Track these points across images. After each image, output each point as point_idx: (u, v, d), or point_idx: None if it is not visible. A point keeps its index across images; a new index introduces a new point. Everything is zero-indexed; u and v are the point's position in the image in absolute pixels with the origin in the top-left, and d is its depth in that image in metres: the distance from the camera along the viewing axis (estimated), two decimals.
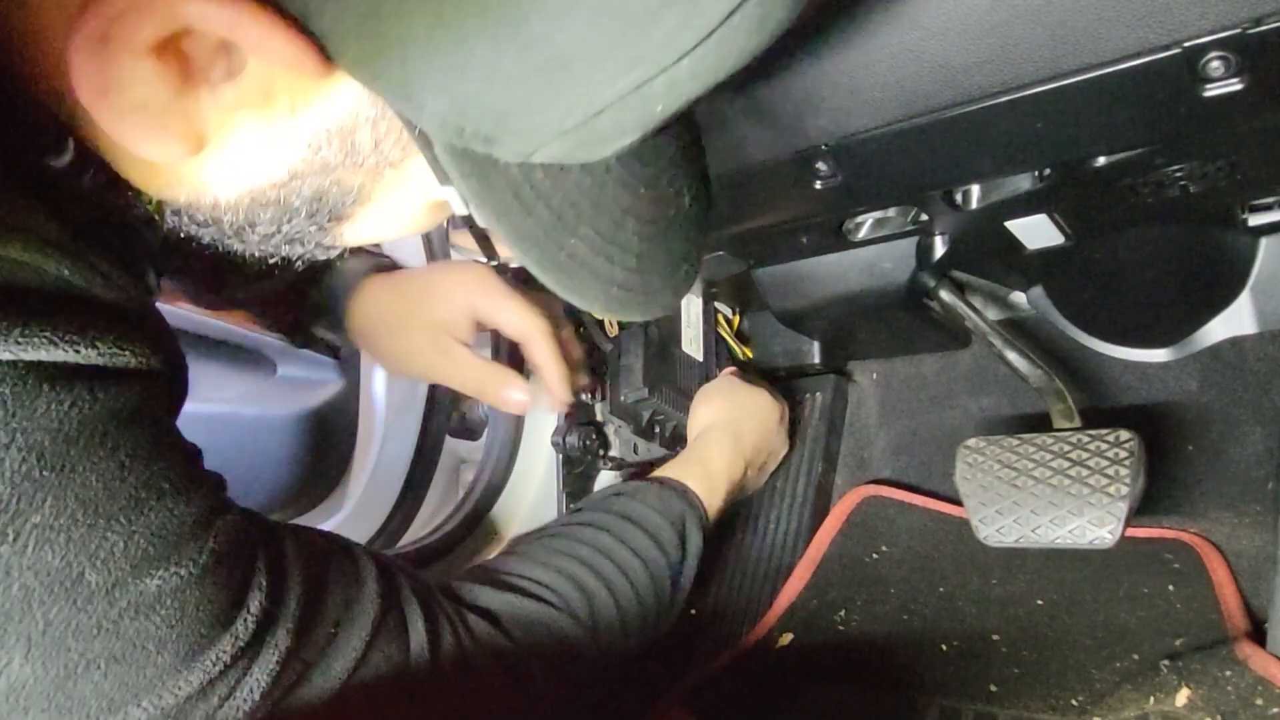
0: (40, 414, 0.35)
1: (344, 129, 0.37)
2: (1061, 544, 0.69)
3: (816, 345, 1.02)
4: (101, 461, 0.37)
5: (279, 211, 0.40)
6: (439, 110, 0.33)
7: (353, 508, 0.95)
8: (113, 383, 0.38)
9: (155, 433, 0.41)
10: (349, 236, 0.44)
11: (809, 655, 0.79)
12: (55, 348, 0.35)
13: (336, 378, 1.01)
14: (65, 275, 0.36)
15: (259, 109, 0.35)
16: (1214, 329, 0.84)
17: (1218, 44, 0.44)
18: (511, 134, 0.34)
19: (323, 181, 0.39)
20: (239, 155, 0.37)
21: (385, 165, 0.39)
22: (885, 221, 0.74)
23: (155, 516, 0.39)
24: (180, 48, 0.32)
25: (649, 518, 0.72)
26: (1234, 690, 0.57)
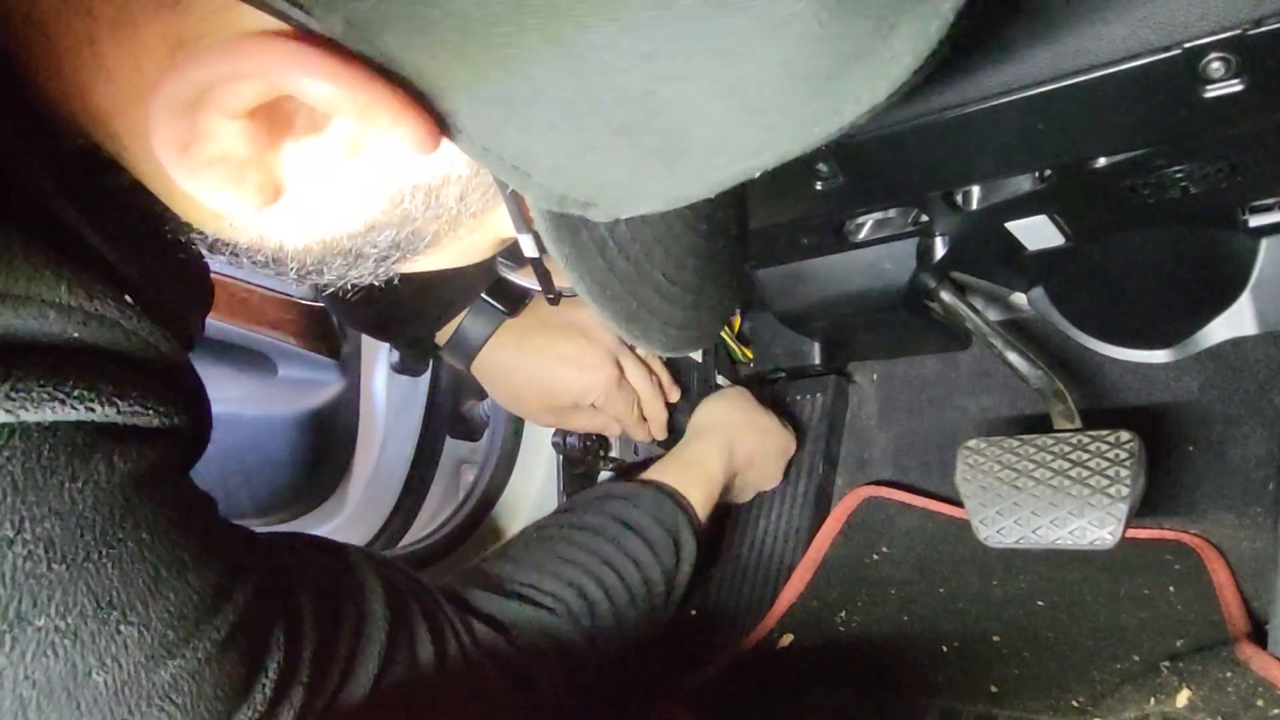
0: (53, 495, 0.32)
1: (432, 185, 0.35)
2: (1062, 545, 0.69)
3: (817, 346, 1.02)
4: (119, 545, 0.34)
5: (349, 259, 0.38)
6: (544, 181, 0.31)
7: (353, 508, 0.95)
8: (134, 445, 0.35)
9: (176, 497, 0.38)
10: (406, 269, 0.42)
11: (809, 656, 0.79)
12: (63, 405, 0.32)
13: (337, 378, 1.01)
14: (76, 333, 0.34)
15: (343, 162, 0.33)
16: (1215, 330, 0.84)
17: (1218, 45, 0.44)
18: (613, 202, 0.32)
19: (400, 232, 0.37)
20: (315, 206, 0.35)
21: (465, 216, 0.37)
22: (886, 222, 0.74)
23: (175, 597, 0.37)
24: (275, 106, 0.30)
25: (645, 524, 0.74)
26: (1234, 691, 0.57)
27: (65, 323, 0.33)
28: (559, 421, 0.88)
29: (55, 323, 0.33)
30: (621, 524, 0.73)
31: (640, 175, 0.31)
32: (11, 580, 0.31)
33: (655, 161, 0.30)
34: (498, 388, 0.86)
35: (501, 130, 0.29)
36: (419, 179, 0.34)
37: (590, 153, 0.30)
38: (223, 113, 0.29)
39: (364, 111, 0.28)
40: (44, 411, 0.32)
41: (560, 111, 0.28)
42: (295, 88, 0.28)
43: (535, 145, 0.30)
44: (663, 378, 0.90)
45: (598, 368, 0.84)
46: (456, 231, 0.38)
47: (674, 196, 0.32)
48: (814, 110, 0.29)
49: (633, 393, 0.87)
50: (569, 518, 0.75)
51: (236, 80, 0.28)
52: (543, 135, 0.29)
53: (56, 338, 0.33)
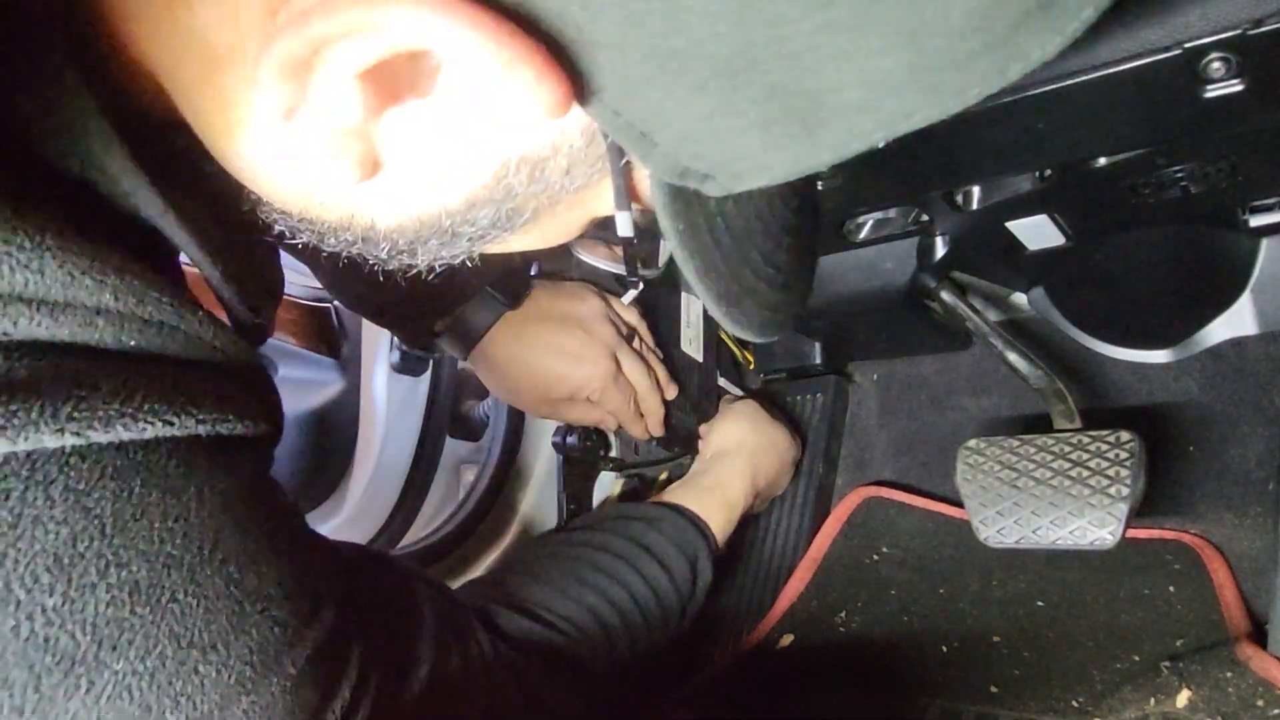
0: (142, 539, 0.31)
1: (540, 157, 0.32)
2: (1062, 545, 0.69)
3: (817, 346, 1.02)
4: (207, 581, 0.33)
5: (445, 238, 0.36)
6: (671, 150, 0.29)
7: (353, 508, 0.95)
8: (222, 468, 0.34)
9: (264, 520, 0.36)
10: (493, 249, 0.40)
11: (810, 656, 0.79)
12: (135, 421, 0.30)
13: (337, 378, 1.01)
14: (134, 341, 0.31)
15: (447, 131, 0.31)
16: (1215, 330, 0.84)
17: (1218, 45, 0.44)
18: (733, 175, 0.31)
19: (499, 207, 0.34)
20: (414, 180, 0.33)
21: (566, 192, 0.35)
22: (886, 222, 0.74)
23: (256, 633, 0.35)
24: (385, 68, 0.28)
25: (665, 550, 0.75)
26: (1235, 692, 0.57)
27: (119, 330, 0.31)
28: (554, 413, 0.88)
29: (106, 331, 0.31)
30: (642, 548, 0.74)
31: (774, 143, 0.29)
32: (93, 626, 0.30)
33: (795, 128, 0.28)
34: (494, 379, 0.86)
35: (642, 91, 0.28)
36: (526, 150, 0.32)
37: (730, 117, 0.28)
38: (339, 72, 0.27)
39: (509, 66, 0.26)
40: (115, 431, 0.30)
41: (714, 69, 0.26)
42: (433, 39, 0.26)
43: (674, 109, 0.28)
44: (660, 374, 0.90)
45: (595, 361, 0.84)
46: (555, 209, 0.36)
47: (800, 167, 0.30)
48: (981, 67, 0.27)
49: (629, 388, 0.87)
50: (590, 536, 0.76)
51: (363, 33, 0.26)
52: (686, 97, 0.27)
53: (112, 346, 0.31)
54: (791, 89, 0.27)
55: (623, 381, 0.86)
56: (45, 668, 0.29)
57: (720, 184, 0.31)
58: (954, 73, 0.27)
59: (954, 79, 0.27)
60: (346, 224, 0.35)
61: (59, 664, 0.29)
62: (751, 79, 0.27)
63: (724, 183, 0.31)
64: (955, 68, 0.27)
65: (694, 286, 0.36)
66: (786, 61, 0.26)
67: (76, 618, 0.29)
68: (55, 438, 0.29)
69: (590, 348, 0.84)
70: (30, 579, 0.29)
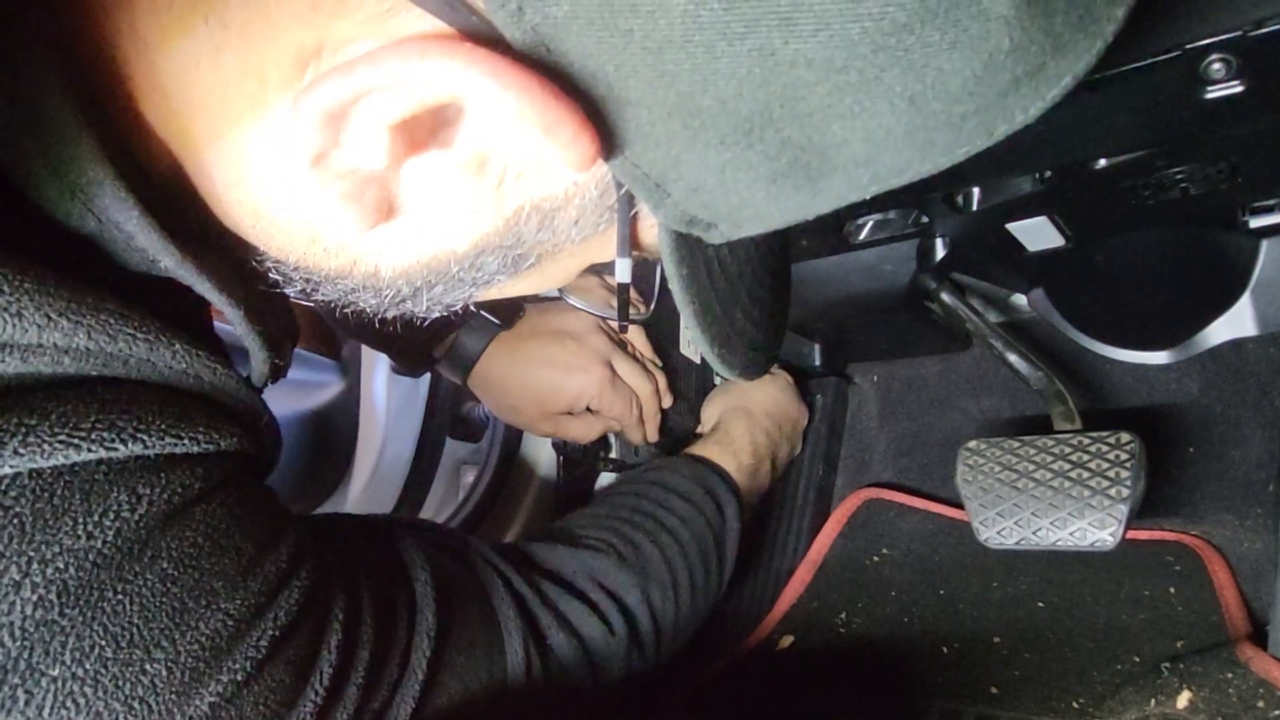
0: (65, 533, 0.30)
1: (552, 207, 0.33)
2: (1062, 546, 0.69)
3: (817, 347, 1.02)
4: (137, 578, 0.32)
5: (449, 284, 0.36)
6: (680, 200, 0.31)
7: (353, 508, 0.95)
8: (164, 473, 0.33)
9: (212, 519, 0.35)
10: (489, 295, 0.40)
11: (810, 657, 0.79)
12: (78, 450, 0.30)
13: (338, 379, 1.01)
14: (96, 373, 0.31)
15: (465, 180, 0.31)
16: (1215, 331, 0.84)
17: (1218, 46, 0.44)
18: (734, 223, 0.32)
19: (506, 254, 0.35)
20: (423, 226, 0.33)
21: (571, 240, 0.35)
22: (886, 224, 0.74)
23: (205, 626, 0.34)
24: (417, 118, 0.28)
25: (679, 483, 0.75)
26: (1235, 693, 0.56)
27: (83, 365, 0.31)
28: (556, 429, 0.88)
29: (71, 366, 0.31)
30: (659, 486, 0.74)
31: (779, 194, 0.31)
32: (21, 630, 0.29)
33: (800, 180, 0.30)
34: (494, 399, 0.86)
35: (663, 145, 0.29)
36: (539, 199, 0.33)
37: (742, 170, 0.29)
38: (373, 121, 0.28)
39: (550, 128, 0.27)
40: (56, 458, 0.30)
41: (733, 126, 0.28)
42: (476, 96, 0.26)
43: (690, 163, 0.29)
44: (659, 378, 0.90)
45: (589, 369, 0.84)
46: (558, 256, 0.36)
47: (797, 216, 0.32)
48: (971, 127, 0.29)
49: (629, 392, 0.87)
50: (605, 497, 0.76)
51: (404, 86, 0.26)
52: (704, 152, 0.29)
53: (74, 378, 0.31)
54: (801, 144, 0.29)
55: (621, 386, 0.86)
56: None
57: (722, 232, 0.33)
58: (946, 132, 0.29)
59: (945, 138, 0.29)
60: (346, 271, 0.35)
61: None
62: (766, 135, 0.28)
63: (725, 230, 0.32)
64: (948, 128, 0.29)
65: (691, 328, 0.38)
66: (800, 120, 0.28)
67: (3, 622, 0.28)
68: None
69: (583, 357, 0.84)
70: None
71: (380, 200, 0.31)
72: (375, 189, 0.31)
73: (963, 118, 0.28)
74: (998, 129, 0.30)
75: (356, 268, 0.35)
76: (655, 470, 0.77)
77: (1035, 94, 0.29)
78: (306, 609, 0.39)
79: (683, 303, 0.36)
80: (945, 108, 0.28)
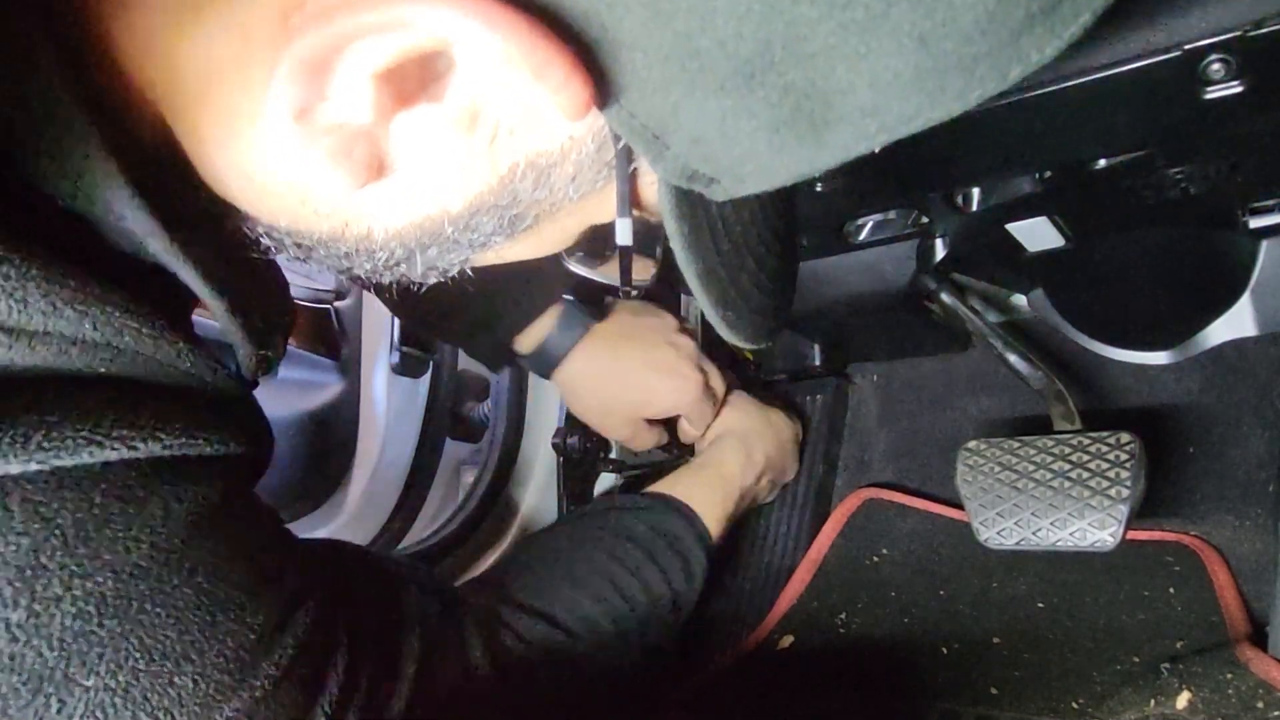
0: (105, 548, 0.30)
1: (548, 163, 0.32)
2: (1062, 546, 0.69)
3: (817, 348, 1.01)
4: (174, 592, 0.32)
5: (444, 246, 0.35)
6: (681, 153, 0.29)
7: (353, 510, 0.95)
8: (189, 482, 0.33)
9: (234, 530, 0.36)
10: (487, 259, 0.39)
11: (809, 658, 0.79)
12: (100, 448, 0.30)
13: (337, 379, 1.01)
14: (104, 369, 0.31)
15: (457, 136, 0.30)
16: (1215, 331, 0.84)
17: (1218, 46, 0.44)
18: (737, 178, 0.31)
19: (502, 214, 0.34)
20: (417, 185, 0.32)
21: (569, 199, 0.34)
22: (886, 224, 0.74)
23: (231, 640, 0.34)
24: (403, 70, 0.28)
25: (649, 539, 0.73)
26: (1235, 693, 0.56)
27: (90, 359, 0.31)
28: (634, 435, 0.85)
29: (79, 359, 0.31)
30: (625, 539, 0.72)
31: (782, 146, 0.29)
32: (60, 642, 0.29)
33: (804, 130, 0.28)
34: (583, 396, 0.83)
35: (661, 92, 0.27)
36: (535, 154, 0.31)
37: (744, 119, 0.28)
38: (356, 71, 0.27)
39: (539, 70, 0.26)
40: (80, 456, 0.30)
41: (734, 69, 0.26)
42: (461, 37, 0.26)
43: (690, 111, 0.28)
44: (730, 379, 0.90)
45: (689, 375, 0.82)
46: (555, 215, 0.35)
47: (803, 170, 0.30)
48: (983, 70, 0.27)
49: (713, 400, 0.85)
50: (574, 530, 0.75)
51: (389, 30, 0.26)
52: (703, 99, 0.27)
53: (84, 373, 0.31)
54: (805, 90, 0.27)
55: (708, 395, 0.85)
56: (13, 688, 0.28)
57: (724, 188, 0.31)
58: (958, 76, 0.27)
59: (957, 82, 0.27)
60: (339, 234, 0.34)
61: (26, 684, 0.29)
62: (768, 79, 0.27)
63: (728, 186, 0.31)
64: (959, 70, 0.27)
65: (695, 291, 0.36)
66: (803, 62, 0.26)
67: (42, 633, 0.29)
68: (20, 466, 0.28)
69: (683, 361, 0.83)
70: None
71: (370, 158, 0.30)
72: (364, 145, 0.30)
73: (975, 59, 0.27)
74: (1012, 71, 0.28)
75: (349, 230, 0.34)
76: (627, 514, 0.75)
77: (1050, 33, 0.27)
78: (318, 627, 0.40)
79: (685, 263, 0.35)
80: (956, 48, 0.26)
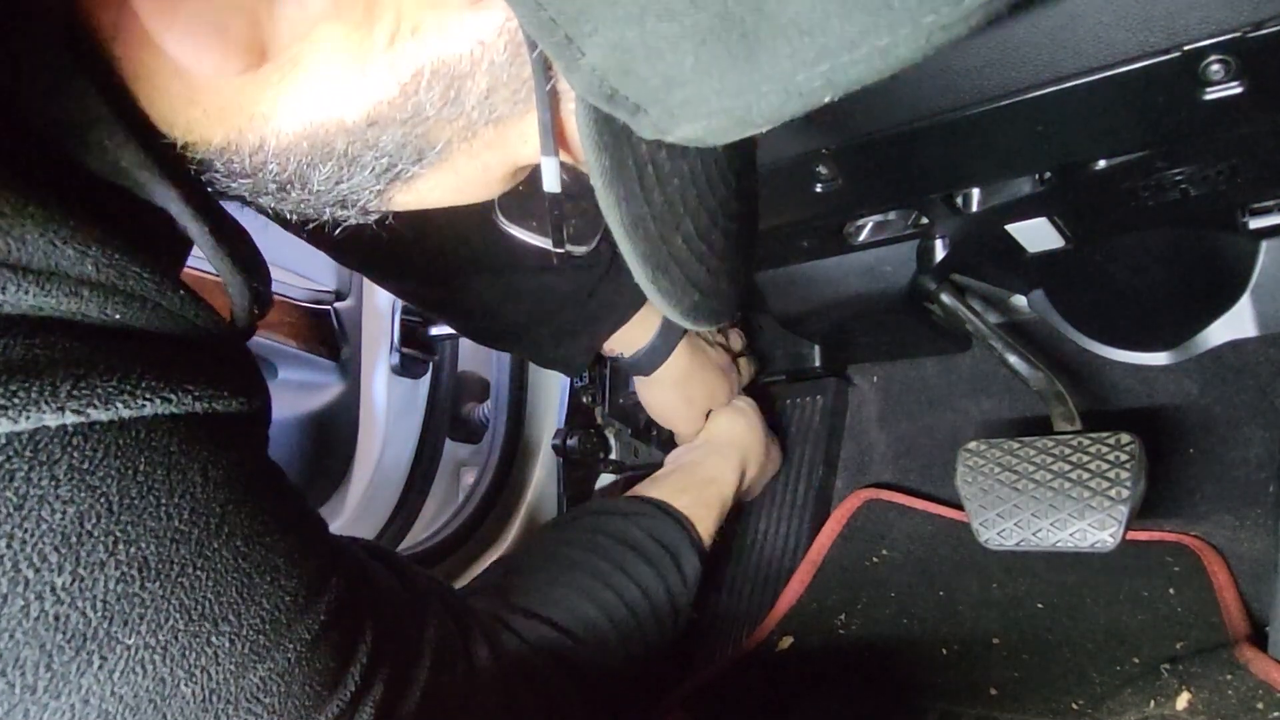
0: (149, 515, 0.31)
1: (455, 71, 0.29)
2: (1062, 547, 0.69)
3: (817, 348, 1.02)
4: (214, 554, 0.33)
5: (340, 166, 0.32)
6: (599, 64, 0.26)
7: (353, 510, 0.95)
8: (224, 443, 0.33)
9: (268, 492, 0.36)
10: (401, 200, 0.36)
11: (809, 659, 0.79)
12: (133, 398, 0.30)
13: (337, 380, 1.01)
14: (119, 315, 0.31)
15: (349, 27, 0.28)
16: (1215, 332, 0.84)
17: (1218, 47, 0.45)
18: (664, 107, 0.27)
19: (406, 133, 0.31)
20: (308, 84, 0.29)
21: (485, 122, 0.31)
22: (886, 225, 0.74)
23: (268, 602, 0.35)
24: None
25: (644, 542, 0.74)
26: (1234, 694, 0.56)
27: (103, 303, 0.31)
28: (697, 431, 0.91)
29: (91, 303, 0.30)
30: (620, 543, 0.73)
31: (712, 65, 0.26)
32: (103, 603, 0.30)
33: (734, 43, 0.25)
34: (668, 396, 0.87)
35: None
36: (439, 60, 0.29)
37: (664, 21, 0.25)
38: None
39: None
40: (115, 409, 0.30)
41: None
42: None
43: (602, 3, 0.25)
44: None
45: (729, 371, 0.90)
46: (471, 145, 0.32)
47: (739, 109, 0.27)
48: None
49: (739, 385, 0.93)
50: (568, 534, 0.75)
51: None
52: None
53: (98, 321, 0.31)
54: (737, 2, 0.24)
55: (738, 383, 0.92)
56: (56, 646, 0.29)
57: (653, 121, 0.28)
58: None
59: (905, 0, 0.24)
60: (235, 145, 0.32)
61: (70, 641, 0.30)
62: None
63: (657, 119, 0.28)
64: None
65: (618, 239, 0.33)
66: None
67: (87, 595, 0.30)
68: (56, 416, 0.29)
69: (724, 357, 0.90)
70: (39, 559, 0.29)
71: (248, 38, 0.27)
72: (241, 21, 0.27)
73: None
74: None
75: (243, 139, 0.31)
76: (620, 519, 0.75)
77: None
78: (349, 597, 0.40)
79: (606, 204, 0.31)
80: None
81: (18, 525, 0.28)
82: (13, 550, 0.28)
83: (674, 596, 0.73)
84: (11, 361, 0.28)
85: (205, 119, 0.31)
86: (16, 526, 0.28)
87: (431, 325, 0.99)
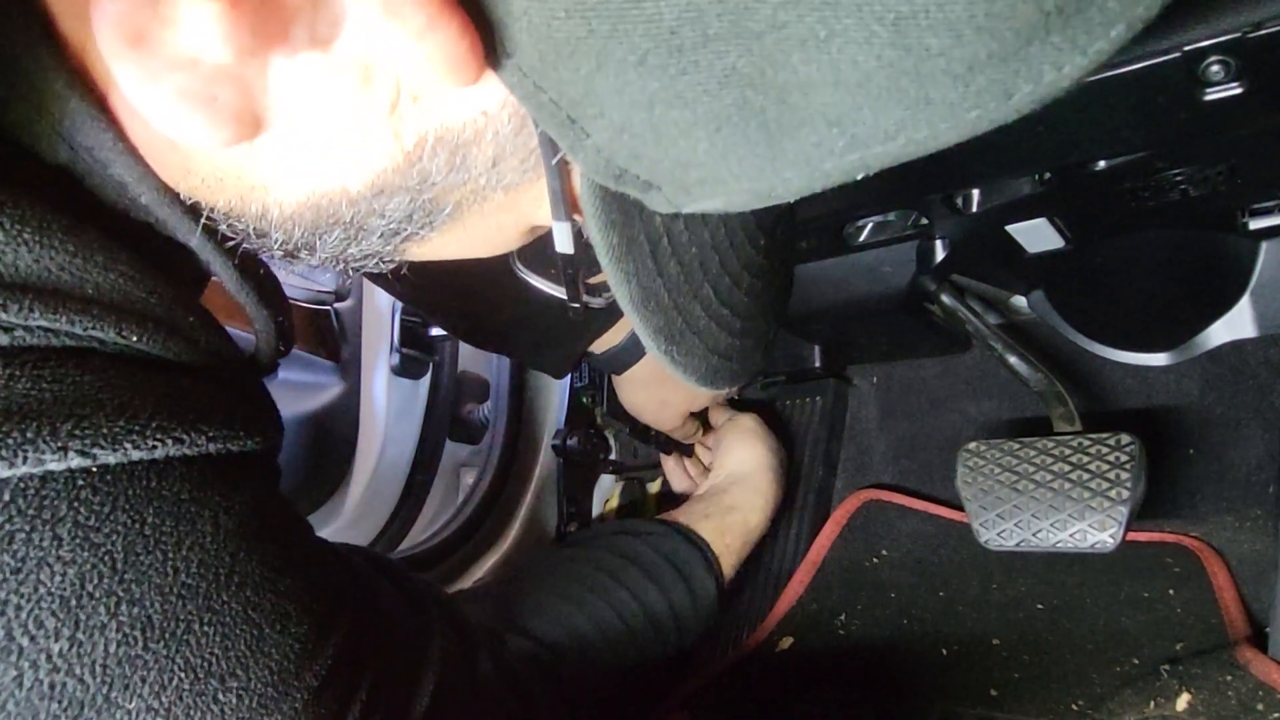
0: (155, 570, 0.28)
1: (459, 140, 0.28)
2: (1062, 548, 0.69)
3: (817, 349, 1.01)
4: (224, 608, 0.31)
5: (348, 232, 0.31)
6: (605, 146, 0.25)
7: (353, 511, 0.95)
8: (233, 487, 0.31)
9: (278, 536, 0.34)
10: (414, 254, 0.35)
11: (809, 659, 0.79)
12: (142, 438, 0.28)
13: (337, 381, 1.01)
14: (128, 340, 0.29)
15: (347, 94, 0.26)
16: (1215, 333, 0.84)
17: (1218, 48, 0.44)
18: (681, 188, 0.26)
19: (414, 199, 0.30)
20: (307, 153, 0.28)
21: (495, 188, 0.30)
22: (886, 225, 0.74)
23: (276, 652, 0.33)
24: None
25: (649, 558, 0.74)
26: (1234, 695, 0.56)
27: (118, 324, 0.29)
28: (683, 427, 0.92)
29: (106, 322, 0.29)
30: (623, 558, 0.73)
31: (729, 151, 0.24)
32: (103, 667, 0.28)
33: (755, 133, 0.23)
34: (647, 393, 0.88)
35: (567, 59, 0.23)
36: (443, 129, 0.27)
37: (675, 108, 0.23)
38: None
39: (393, 8, 0.22)
40: (124, 450, 0.28)
41: (655, 39, 0.22)
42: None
43: (606, 89, 0.23)
44: None
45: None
46: (483, 207, 0.31)
47: (760, 188, 0.25)
48: (982, 84, 0.21)
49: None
50: (578, 551, 0.76)
51: None
52: (620, 73, 0.23)
53: (111, 348, 0.29)
54: (751, 79, 0.22)
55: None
56: (51, 715, 0.27)
57: (666, 197, 0.26)
58: (946, 84, 0.22)
59: (946, 92, 0.22)
60: (239, 210, 0.31)
61: (66, 710, 0.28)
62: (701, 59, 0.22)
63: (671, 196, 0.26)
64: (948, 78, 0.21)
65: (630, 317, 0.32)
66: (746, 42, 0.22)
67: (85, 661, 0.28)
68: (58, 458, 0.27)
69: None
70: (34, 625, 0.27)
71: (240, 109, 0.26)
72: (231, 91, 0.25)
73: (968, 65, 0.21)
74: (1019, 89, 0.21)
75: (247, 206, 0.30)
76: (629, 538, 0.75)
77: (1071, 45, 0.20)
78: (353, 638, 0.38)
79: (615, 282, 0.30)
80: (942, 44, 0.20)
81: (14, 590, 0.26)
82: (7, 618, 0.26)
83: (678, 613, 0.73)
84: (11, 398, 0.26)
85: (204, 188, 0.30)
86: (13, 592, 0.26)
87: (431, 326, 0.99)
